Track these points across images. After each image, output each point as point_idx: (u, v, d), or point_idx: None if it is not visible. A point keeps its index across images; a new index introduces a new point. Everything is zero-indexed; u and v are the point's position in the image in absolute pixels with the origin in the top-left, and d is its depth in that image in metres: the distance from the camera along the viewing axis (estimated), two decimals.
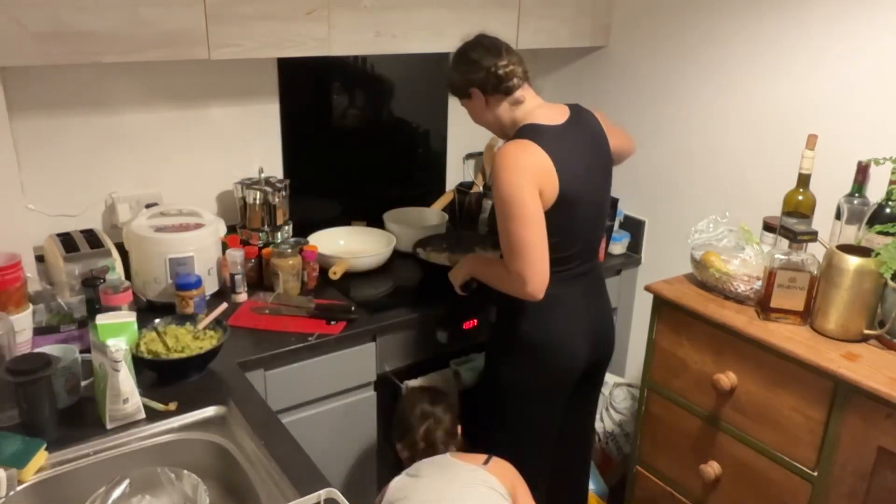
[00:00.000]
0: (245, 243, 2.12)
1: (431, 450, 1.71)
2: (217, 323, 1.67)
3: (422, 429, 1.72)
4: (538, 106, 1.74)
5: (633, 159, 2.46)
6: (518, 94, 1.72)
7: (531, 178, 1.59)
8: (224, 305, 1.72)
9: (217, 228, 1.98)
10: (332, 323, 1.87)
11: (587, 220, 1.75)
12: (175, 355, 1.54)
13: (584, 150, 1.71)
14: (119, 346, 1.34)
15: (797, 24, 1.96)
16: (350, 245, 2.33)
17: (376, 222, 2.43)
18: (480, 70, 1.70)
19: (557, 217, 1.64)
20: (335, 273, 2.10)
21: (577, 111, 1.76)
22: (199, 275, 1.87)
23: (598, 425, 2.68)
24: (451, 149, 2.68)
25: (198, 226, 1.93)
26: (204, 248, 1.92)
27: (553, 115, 1.72)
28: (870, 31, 1.81)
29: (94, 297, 1.69)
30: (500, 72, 1.69)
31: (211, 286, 1.97)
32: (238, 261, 1.96)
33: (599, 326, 1.87)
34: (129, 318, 1.37)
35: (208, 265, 1.93)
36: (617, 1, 2.44)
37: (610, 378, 2.57)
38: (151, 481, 1.24)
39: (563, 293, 1.74)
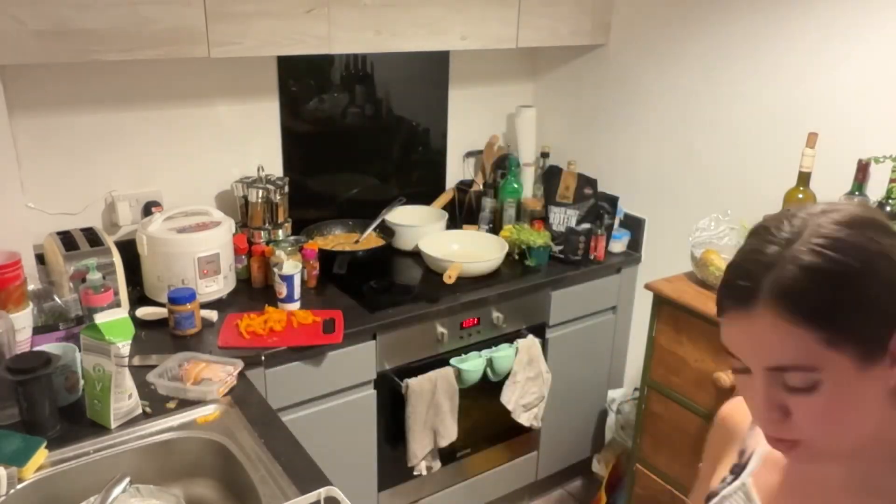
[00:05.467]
0: (249, 242, 2.12)
1: None
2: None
3: None
4: None
5: (634, 157, 2.47)
6: None
7: None
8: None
9: (231, 226, 2.03)
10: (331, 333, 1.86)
11: None
12: None
13: None
14: (126, 342, 1.34)
15: (797, 21, 1.95)
16: (465, 249, 2.34)
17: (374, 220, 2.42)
18: None
19: None
20: (450, 277, 2.10)
21: None
22: (218, 275, 1.89)
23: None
24: (451, 147, 2.68)
25: (214, 223, 1.97)
26: (226, 245, 1.97)
27: None
28: (870, 29, 1.81)
29: None
30: None
31: (229, 284, 2.01)
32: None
33: None
34: (123, 314, 1.37)
35: (229, 261, 1.99)
36: None
37: (614, 394, 2.58)
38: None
39: None
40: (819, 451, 0.73)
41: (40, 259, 1.88)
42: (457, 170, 2.72)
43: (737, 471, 0.90)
